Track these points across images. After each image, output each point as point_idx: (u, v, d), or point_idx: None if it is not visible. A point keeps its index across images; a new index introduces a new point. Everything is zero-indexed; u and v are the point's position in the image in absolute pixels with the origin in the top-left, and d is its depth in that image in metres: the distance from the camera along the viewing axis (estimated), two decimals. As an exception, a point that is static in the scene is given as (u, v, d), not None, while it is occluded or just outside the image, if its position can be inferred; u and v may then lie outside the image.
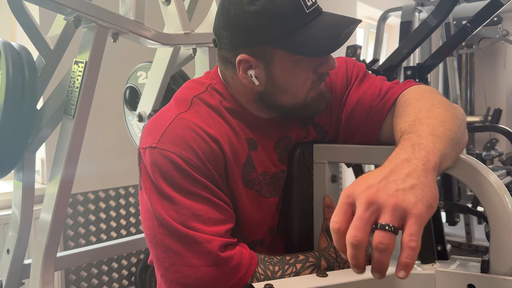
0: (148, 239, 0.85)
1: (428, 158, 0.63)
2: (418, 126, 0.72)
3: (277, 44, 0.81)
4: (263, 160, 0.92)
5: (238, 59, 0.84)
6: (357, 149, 0.92)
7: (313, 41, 0.80)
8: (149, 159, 0.82)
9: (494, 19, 2.64)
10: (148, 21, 1.42)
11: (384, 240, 0.54)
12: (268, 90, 0.87)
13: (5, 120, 1.30)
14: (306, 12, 0.81)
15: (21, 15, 1.39)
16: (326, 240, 0.92)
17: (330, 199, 0.95)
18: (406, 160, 0.62)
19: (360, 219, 0.56)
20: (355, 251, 0.55)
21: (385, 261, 0.55)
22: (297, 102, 0.88)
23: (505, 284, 0.69)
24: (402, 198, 0.56)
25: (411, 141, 0.68)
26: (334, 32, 0.81)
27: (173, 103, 0.90)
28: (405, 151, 0.65)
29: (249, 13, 0.79)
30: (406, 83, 0.92)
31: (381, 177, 0.59)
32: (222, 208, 0.83)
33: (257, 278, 0.83)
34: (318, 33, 0.81)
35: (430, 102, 0.80)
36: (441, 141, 0.68)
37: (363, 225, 0.55)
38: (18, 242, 1.46)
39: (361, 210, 0.56)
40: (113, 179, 2.34)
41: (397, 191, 0.57)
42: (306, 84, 0.86)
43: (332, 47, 0.81)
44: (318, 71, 0.86)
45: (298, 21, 0.80)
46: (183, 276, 0.80)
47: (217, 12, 0.86)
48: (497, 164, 3.67)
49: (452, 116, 0.76)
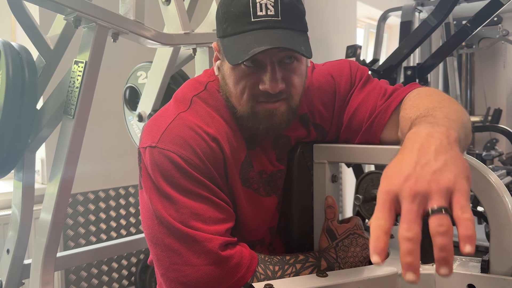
0: (148, 238, 0.85)
1: (450, 132, 0.63)
2: (431, 112, 0.72)
3: (222, 41, 0.85)
4: (261, 159, 0.93)
5: (213, 45, 0.91)
6: (357, 149, 0.92)
7: (232, 48, 0.81)
8: (149, 159, 0.82)
9: (494, 19, 2.63)
10: (148, 21, 1.42)
11: (443, 221, 0.52)
12: (222, 85, 0.89)
13: (5, 120, 1.30)
14: (251, 20, 0.79)
15: (21, 15, 1.39)
16: (327, 240, 0.92)
17: (333, 199, 0.95)
18: (429, 135, 0.62)
19: (410, 212, 0.54)
20: (412, 245, 0.52)
21: (450, 245, 0.51)
22: (240, 108, 0.86)
23: (505, 284, 0.69)
24: (441, 179, 0.55)
25: (427, 120, 0.68)
26: (248, 47, 0.78)
27: (173, 102, 0.90)
28: (424, 127, 0.65)
29: (219, 5, 0.85)
30: (411, 85, 0.93)
31: (413, 163, 0.58)
32: (222, 207, 0.84)
33: (257, 278, 0.83)
34: (240, 43, 0.80)
35: (440, 97, 0.82)
36: (456, 124, 0.69)
37: (415, 216, 0.54)
38: (18, 242, 1.46)
39: (407, 204, 0.55)
40: (113, 179, 2.34)
41: (434, 173, 0.56)
42: (245, 94, 0.84)
43: (236, 60, 0.79)
44: (260, 87, 0.83)
45: (239, 27, 0.80)
46: (183, 275, 0.80)
47: None
48: (497, 164, 3.66)
49: (462, 111, 0.78)
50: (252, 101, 0.84)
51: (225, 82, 0.87)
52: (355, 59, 2.80)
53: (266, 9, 0.78)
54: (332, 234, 0.92)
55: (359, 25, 4.14)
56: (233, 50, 0.80)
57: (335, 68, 0.98)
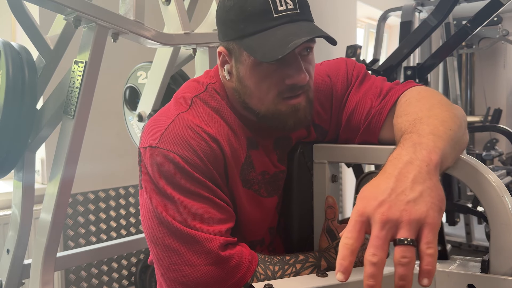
0: (148, 238, 0.85)
1: (430, 158, 0.64)
2: (418, 125, 0.73)
3: (241, 43, 0.83)
4: (263, 160, 0.92)
5: (218, 50, 0.88)
6: (357, 149, 0.92)
7: (263, 45, 0.80)
8: (149, 159, 0.82)
9: (494, 19, 2.64)
10: (148, 21, 1.42)
11: (407, 254, 0.55)
12: (238, 88, 0.87)
13: (5, 120, 1.30)
14: (274, 16, 0.79)
15: (21, 15, 1.39)
16: (327, 240, 0.92)
17: (333, 199, 0.95)
18: (409, 162, 0.63)
19: (378, 238, 0.57)
20: (375, 269, 0.56)
21: (410, 276, 0.55)
22: (263, 109, 0.86)
23: (505, 284, 0.69)
24: (414, 210, 0.57)
25: (412, 141, 0.68)
26: (285, 41, 0.79)
27: (173, 103, 0.90)
28: (406, 151, 0.66)
29: (225, 8, 0.83)
30: (407, 83, 0.92)
31: (389, 190, 0.60)
32: (222, 208, 0.84)
33: (257, 278, 0.83)
34: (271, 39, 0.79)
35: (430, 102, 0.81)
36: (442, 140, 0.69)
37: (381, 243, 0.56)
38: (18, 242, 1.46)
39: (377, 229, 0.57)
40: (113, 179, 2.34)
41: (408, 203, 0.58)
42: (270, 92, 0.84)
43: (275, 55, 0.78)
44: (286, 82, 0.83)
45: (262, 24, 0.80)
46: (183, 275, 0.80)
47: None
48: (497, 164, 3.67)
49: (453, 116, 0.76)
50: (277, 99, 0.84)
51: (243, 84, 0.85)
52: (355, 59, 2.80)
53: (286, 4, 0.80)
54: (333, 235, 0.92)
55: (359, 25, 4.14)
56: (265, 47, 0.79)
57: (332, 67, 0.98)
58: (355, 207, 0.61)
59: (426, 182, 0.60)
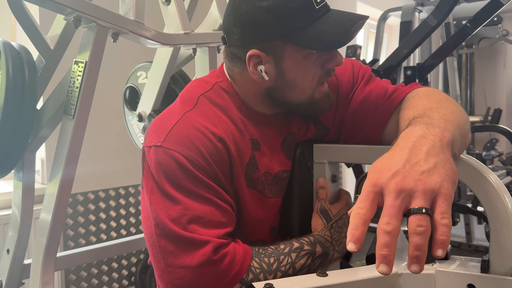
0: (146, 239, 0.85)
1: (443, 134, 0.64)
2: (428, 112, 0.74)
3: (287, 39, 0.83)
4: (266, 161, 0.92)
5: (249, 54, 0.85)
6: (357, 149, 0.92)
7: (324, 35, 0.82)
8: (153, 158, 0.82)
9: (494, 19, 2.64)
10: (148, 21, 1.42)
11: (422, 222, 0.54)
12: (278, 85, 0.88)
13: (5, 120, 1.30)
14: (316, 8, 0.82)
15: (21, 15, 1.39)
16: (321, 221, 0.93)
17: (324, 180, 0.95)
18: (423, 136, 0.63)
19: (392, 206, 0.56)
20: (389, 238, 0.54)
21: (425, 246, 0.54)
22: (304, 98, 0.89)
23: (505, 284, 0.69)
24: (428, 180, 0.57)
25: (423, 121, 0.69)
26: (344, 27, 0.83)
27: (179, 102, 0.90)
28: (419, 128, 0.66)
29: (261, 9, 0.81)
30: (412, 85, 0.94)
31: (403, 161, 0.59)
32: (224, 211, 0.83)
33: (253, 272, 0.83)
34: (329, 28, 0.82)
35: (439, 98, 0.83)
36: (452, 125, 0.70)
37: (396, 211, 0.55)
38: (18, 242, 1.46)
39: (391, 199, 0.56)
40: (113, 179, 2.34)
41: (422, 173, 0.57)
42: (314, 80, 0.88)
43: (342, 42, 0.82)
44: (326, 67, 0.87)
45: (308, 17, 0.82)
46: (178, 277, 0.81)
47: (227, 9, 0.87)
48: (497, 164, 3.67)
49: (460, 111, 0.78)
50: (317, 85, 0.88)
51: (285, 80, 0.87)
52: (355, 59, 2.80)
53: None
54: (327, 215, 0.93)
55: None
56: (326, 36, 0.81)
57: (338, 67, 0.99)
58: (367, 178, 0.60)
59: (440, 155, 0.60)
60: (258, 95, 0.91)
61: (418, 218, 0.54)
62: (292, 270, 0.86)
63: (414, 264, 0.54)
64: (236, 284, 0.82)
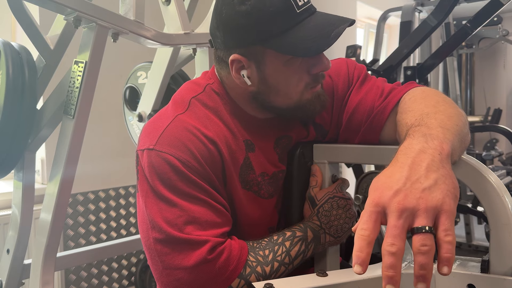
0: (143, 242, 0.85)
1: (442, 147, 0.64)
2: (426, 119, 0.73)
3: (267, 44, 0.82)
4: (261, 161, 0.92)
5: (231, 59, 0.84)
6: (357, 149, 0.92)
7: (302, 41, 0.80)
8: (146, 161, 0.82)
9: (494, 19, 2.64)
10: (148, 21, 1.42)
11: (427, 242, 0.54)
12: (261, 90, 0.87)
13: (5, 120, 1.30)
14: (297, 12, 0.80)
15: (21, 15, 1.39)
16: (309, 208, 0.93)
17: (317, 168, 0.96)
18: (422, 151, 0.62)
19: (395, 227, 0.55)
20: (394, 259, 0.54)
21: (431, 264, 0.54)
22: (290, 103, 0.88)
23: (505, 284, 0.69)
24: (430, 197, 0.56)
25: (421, 132, 0.68)
26: (324, 32, 0.80)
27: (171, 104, 0.90)
28: (418, 141, 0.65)
29: (239, 13, 0.80)
30: (408, 84, 0.93)
31: (404, 179, 0.59)
32: (219, 211, 0.83)
33: (250, 266, 0.83)
34: (308, 33, 0.80)
35: (435, 100, 0.81)
36: (451, 133, 0.69)
37: (399, 232, 0.55)
38: (18, 242, 1.46)
39: (394, 219, 0.56)
40: (113, 179, 2.34)
41: (424, 191, 0.57)
42: (299, 85, 0.86)
43: (321, 47, 0.81)
44: (312, 72, 0.86)
45: (288, 21, 0.80)
46: (175, 279, 0.81)
47: (212, 12, 0.87)
48: (497, 164, 3.67)
49: (458, 113, 0.77)
50: (305, 89, 0.87)
51: (267, 85, 0.85)
52: (355, 59, 2.80)
53: None
54: (312, 200, 0.93)
55: (359, 25, 4.14)
56: (305, 42, 0.79)
57: (332, 67, 0.98)
58: (369, 197, 0.59)
59: (440, 170, 0.59)
60: (245, 98, 0.90)
61: (422, 237, 0.54)
62: (288, 259, 0.87)
63: (420, 282, 0.54)
64: (235, 280, 0.82)
